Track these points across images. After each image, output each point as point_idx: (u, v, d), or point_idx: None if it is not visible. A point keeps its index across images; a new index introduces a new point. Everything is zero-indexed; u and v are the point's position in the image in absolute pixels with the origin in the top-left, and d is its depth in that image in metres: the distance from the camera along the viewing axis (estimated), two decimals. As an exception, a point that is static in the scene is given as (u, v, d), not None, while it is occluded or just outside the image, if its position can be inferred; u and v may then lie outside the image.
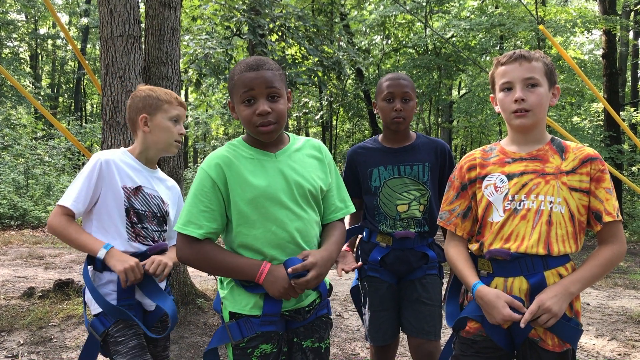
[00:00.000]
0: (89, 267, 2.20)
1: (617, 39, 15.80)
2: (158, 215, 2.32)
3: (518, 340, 1.87)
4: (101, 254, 2.08)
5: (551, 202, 1.83)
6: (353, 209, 2.11)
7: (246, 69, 1.84)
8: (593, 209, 1.86)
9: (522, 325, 1.76)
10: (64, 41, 30.23)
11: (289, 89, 1.95)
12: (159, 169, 2.45)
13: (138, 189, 2.25)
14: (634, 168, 17.36)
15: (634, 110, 18.22)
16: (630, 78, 22.51)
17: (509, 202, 1.87)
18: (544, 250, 1.81)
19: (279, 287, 1.76)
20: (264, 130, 1.83)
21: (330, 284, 2.08)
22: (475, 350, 1.92)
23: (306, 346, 1.93)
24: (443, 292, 2.67)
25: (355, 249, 2.85)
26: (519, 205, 1.85)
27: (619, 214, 1.85)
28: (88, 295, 2.19)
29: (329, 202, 2.02)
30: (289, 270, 1.76)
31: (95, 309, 2.18)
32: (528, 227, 1.83)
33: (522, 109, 1.86)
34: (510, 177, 1.89)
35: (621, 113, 16.00)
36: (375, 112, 2.78)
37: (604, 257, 1.83)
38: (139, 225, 2.23)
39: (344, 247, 2.69)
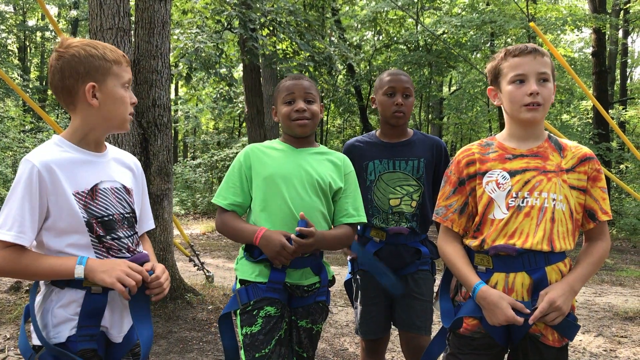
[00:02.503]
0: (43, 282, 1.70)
1: (606, 37, 15.89)
2: (127, 214, 1.79)
3: (517, 336, 1.87)
4: (79, 273, 1.58)
5: (554, 200, 1.84)
6: (365, 220, 2.31)
7: (289, 79, 2.32)
8: (587, 207, 1.89)
9: (530, 322, 1.78)
10: (53, 33, 29.92)
11: (322, 103, 2.35)
12: (109, 147, 1.85)
13: (94, 188, 1.69)
14: (622, 166, 17.53)
15: (623, 109, 18.38)
16: (619, 76, 22.68)
17: (513, 199, 1.86)
18: (548, 247, 1.82)
19: (272, 248, 2.06)
20: (300, 124, 2.24)
21: (333, 276, 2.30)
22: (473, 348, 1.92)
23: (300, 325, 2.22)
24: (435, 289, 2.68)
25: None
26: (522, 203, 1.85)
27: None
28: (35, 318, 1.67)
29: (341, 206, 2.26)
30: (297, 229, 2.06)
31: (35, 338, 1.66)
32: (532, 224, 1.83)
33: (536, 102, 1.85)
34: (512, 173, 1.88)
35: (610, 111, 16.12)
36: (373, 106, 2.80)
37: (598, 254, 1.89)
38: (108, 237, 1.70)
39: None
